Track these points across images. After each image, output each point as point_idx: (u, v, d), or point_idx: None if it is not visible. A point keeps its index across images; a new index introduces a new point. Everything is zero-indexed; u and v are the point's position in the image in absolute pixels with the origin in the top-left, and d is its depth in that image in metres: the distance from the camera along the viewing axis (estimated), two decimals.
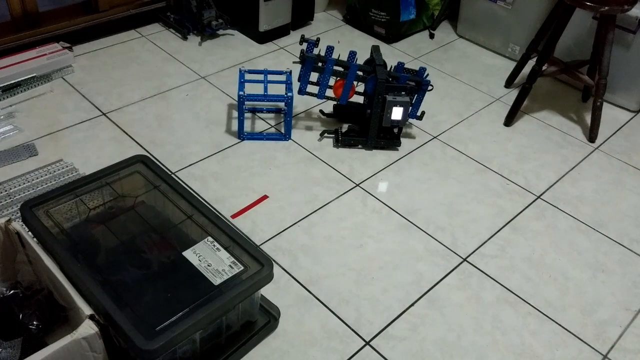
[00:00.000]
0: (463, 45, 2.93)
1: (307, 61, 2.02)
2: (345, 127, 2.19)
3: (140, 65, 2.50)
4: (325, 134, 2.18)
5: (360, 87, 2.32)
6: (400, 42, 2.89)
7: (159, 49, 2.62)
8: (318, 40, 2.05)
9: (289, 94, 2.05)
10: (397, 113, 2.04)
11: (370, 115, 2.06)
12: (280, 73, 2.19)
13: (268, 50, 2.71)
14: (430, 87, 2.12)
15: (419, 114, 2.18)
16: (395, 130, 2.17)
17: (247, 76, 2.32)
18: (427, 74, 2.11)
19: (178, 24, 2.73)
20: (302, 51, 2.02)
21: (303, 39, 2.03)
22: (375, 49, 2.15)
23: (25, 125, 2.09)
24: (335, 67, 2.05)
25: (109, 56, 2.53)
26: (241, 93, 2.02)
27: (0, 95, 2.20)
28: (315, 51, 2.13)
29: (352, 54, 2.09)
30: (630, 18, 2.32)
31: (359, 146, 2.15)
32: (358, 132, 2.16)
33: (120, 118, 2.18)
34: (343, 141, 2.14)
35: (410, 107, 2.11)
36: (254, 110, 2.29)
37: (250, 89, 2.25)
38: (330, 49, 2.07)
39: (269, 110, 2.30)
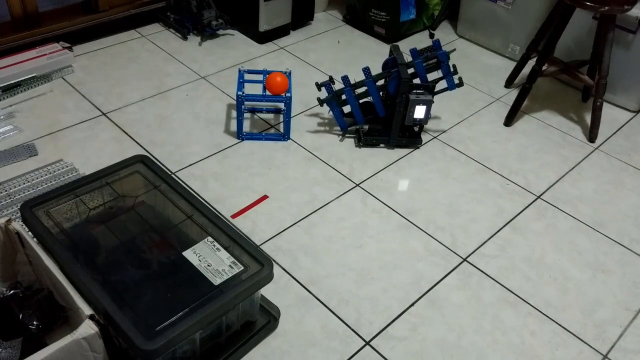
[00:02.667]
0: (463, 45, 2.93)
1: (330, 104, 2.10)
2: (366, 127, 2.19)
3: (140, 65, 2.50)
4: (346, 135, 2.19)
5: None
6: (400, 42, 2.89)
7: (159, 49, 2.62)
8: (331, 78, 2.11)
9: (288, 94, 2.06)
10: (420, 111, 2.06)
11: (393, 114, 2.08)
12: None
13: (268, 50, 2.71)
14: (449, 53, 2.11)
15: (457, 81, 2.18)
16: (416, 129, 2.19)
17: (247, 76, 2.31)
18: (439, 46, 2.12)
19: (178, 24, 2.73)
20: (318, 98, 2.09)
21: (319, 86, 2.10)
22: (395, 48, 2.14)
23: (25, 125, 2.09)
24: (358, 90, 2.11)
25: (109, 56, 2.53)
26: (240, 93, 2.02)
27: (0, 95, 2.20)
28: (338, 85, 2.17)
29: (367, 70, 2.12)
30: (630, 18, 2.32)
31: (381, 145, 2.17)
32: (380, 132, 2.16)
33: (120, 118, 2.18)
34: (365, 141, 2.14)
35: (446, 77, 2.16)
36: (253, 111, 2.29)
37: (250, 89, 2.25)
38: (345, 79, 2.09)
39: (268, 111, 2.30)
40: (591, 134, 2.32)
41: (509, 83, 2.62)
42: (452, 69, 2.14)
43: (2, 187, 1.81)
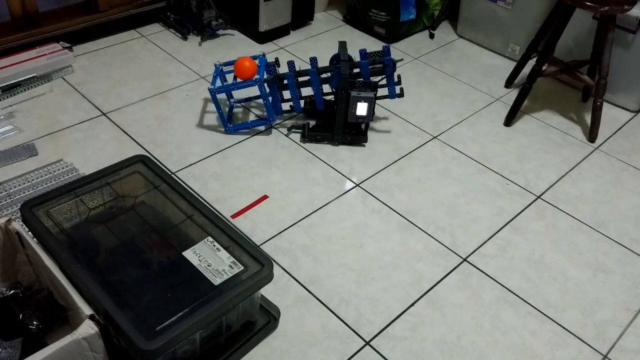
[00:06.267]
0: (463, 45, 2.93)
1: (271, 86, 2.09)
2: (313, 122, 2.20)
3: (140, 65, 2.50)
4: (293, 129, 2.19)
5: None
6: (400, 42, 2.89)
7: (159, 49, 2.62)
8: (277, 60, 2.11)
9: (257, 77, 2.03)
10: (361, 109, 2.04)
11: (336, 110, 2.08)
12: (254, 58, 2.13)
13: (268, 50, 2.71)
14: (396, 63, 2.08)
15: (398, 92, 2.16)
16: (363, 126, 2.17)
17: (226, 69, 2.25)
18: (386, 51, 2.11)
19: (178, 24, 2.73)
20: (256, 79, 2.07)
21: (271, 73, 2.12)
22: (341, 45, 2.14)
23: (25, 125, 2.09)
24: (301, 78, 2.09)
25: (109, 56, 2.53)
26: (211, 87, 2.03)
27: (0, 95, 2.20)
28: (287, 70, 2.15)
29: (313, 60, 2.13)
30: (630, 18, 2.32)
31: (325, 142, 2.16)
32: (324, 128, 2.16)
33: (120, 118, 2.18)
34: (309, 136, 2.14)
35: (388, 88, 2.15)
36: (248, 101, 2.30)
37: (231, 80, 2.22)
38: (291, 64, 2.10)
39: (247, 99, 2.30)
40: (591, 134, 2.32)
41: (509, 83, 2.62)
42: (395, 79, 2.12)
43: (2, 187, 1.81)
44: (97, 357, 1.20)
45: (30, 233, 1.38)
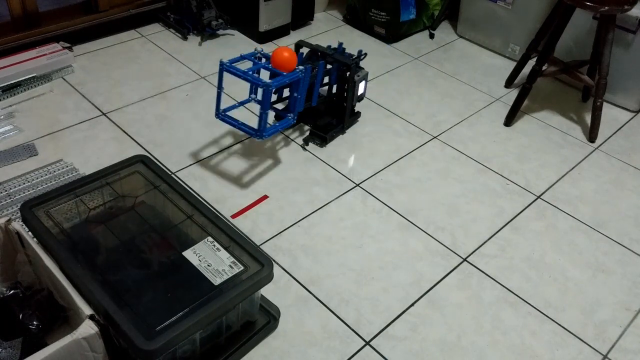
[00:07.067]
0: (463, 45, 2.93)
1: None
2: (316, 126, 2.20)
3: (140, 65, 2.50)
4: (310, 142, 2.16)
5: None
6: (400, 42, 2.89)
7: (159, 49, 2.62)
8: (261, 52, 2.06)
9: (300, 67, 1.83)
10: (361, 87, 2.18)
11: (346, 100, 2.13)
12: (250, 55, 1.93)
13: (268, 50, 2.71)
14: (362, 56, 2.16)
15: None
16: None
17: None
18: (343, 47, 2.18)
19: (178, 24, 2.73)
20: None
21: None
22: (303, 42, 2.14)
23: (25, 125, 2.09)
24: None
25: (109, 56, 2.53)
26: (267, 82, 1.72)
27: (0, 95, 2.20)
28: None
29: (301, 55, 2.13)
30: (630, 18, 2.32)
31: (340, 135, 2.21)
32: (332, 123, 2.19)
33: (120, 118, 2.18)
34: (330, 137, 2.16)
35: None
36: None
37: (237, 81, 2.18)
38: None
39: (241, 103, 2.00)
40: (591, 134, 2.32)
41: (509, 83, 2.62)
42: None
43: (2, 187, 1.81)
44: (97, 357, 1.20)
45: (30, 233, 1.38)
